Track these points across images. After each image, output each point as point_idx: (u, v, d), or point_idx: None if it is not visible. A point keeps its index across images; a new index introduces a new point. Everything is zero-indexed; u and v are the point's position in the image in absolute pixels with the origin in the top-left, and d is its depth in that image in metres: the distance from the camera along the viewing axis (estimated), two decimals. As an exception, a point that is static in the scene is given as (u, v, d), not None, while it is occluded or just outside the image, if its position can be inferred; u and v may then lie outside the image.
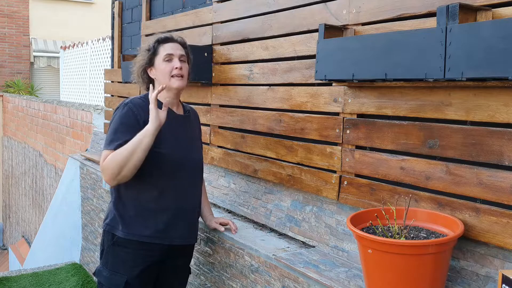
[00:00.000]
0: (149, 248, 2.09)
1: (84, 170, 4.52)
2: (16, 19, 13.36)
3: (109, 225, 2.12)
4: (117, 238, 2.09)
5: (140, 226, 2.07)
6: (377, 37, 1.76)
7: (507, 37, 1.34)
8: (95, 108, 5.62)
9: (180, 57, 2.12)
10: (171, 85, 2.09)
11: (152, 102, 1.92)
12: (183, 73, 2.12)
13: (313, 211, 2.27)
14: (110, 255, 2.12)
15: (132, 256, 2.08)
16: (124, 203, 2.10)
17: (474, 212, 1.61)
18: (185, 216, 2.18)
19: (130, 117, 2.01)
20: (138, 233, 2.07)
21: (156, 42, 2.13)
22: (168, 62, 2.10)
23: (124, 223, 2.08)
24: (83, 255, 4.67)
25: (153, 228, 2.08)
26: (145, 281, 2.12)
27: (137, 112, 2.03)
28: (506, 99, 1.52)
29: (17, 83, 12.78)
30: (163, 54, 2.10)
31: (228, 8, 2.88)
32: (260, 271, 2.16)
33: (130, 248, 2.08)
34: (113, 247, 2.11)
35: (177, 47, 2.13)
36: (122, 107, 2.05)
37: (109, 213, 2.15)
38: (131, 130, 1.97)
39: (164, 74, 2.09)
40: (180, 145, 2.15)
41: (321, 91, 2.22)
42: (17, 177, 9.57)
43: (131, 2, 4.40)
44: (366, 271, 1.63)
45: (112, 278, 2.09)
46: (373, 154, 1.96)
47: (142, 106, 2.05)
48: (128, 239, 2.07)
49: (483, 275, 1.59)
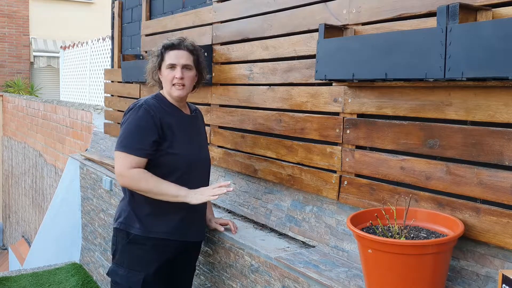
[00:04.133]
0: (165, 244, 2.15)
1: (84, 170, 4.52)
2: (16, 19, 13.36)
3: (123, 223, 2.15)
4: (133, 236, 2.13)
5: (157, 223, 2.13)
6: (377, 37, 1.76)
7: (507, 37, 1.33)
8: (95, 108, 5.61)
9: (183, 66, 2.15)
10: (171, 93, 2.17)
11: (214, 194, 2.06)
12: (184, 82, 2.15)
13: (313, 211, 2.27)
14: (126, 253, 2.15)
15: (148, 253, 2.13)
16: (138, 202, 2.14)
17: (474, 212, 1.61)
18: (199, 213, 2.25)
19: (148, 120, 2.07)
20: (155, 229, 2.13)
21: (162, 48, 2.18)
22: (170, 70, 2.15)
23: (141, 221, 2.12)
24: (83, 255, 4.67)
25: (170, 225, 2.14)
26: (160, 278, 2.17)
27: (154, 113, 2.08)
28: (506, 99, 1.51)
29: (17, 83, 12.78)
30: (167, 63, 2.15)
31: (228, 8, 2.88)
32: (260, 271, 2.16)
33: (147, 245, 2.13)
34: (128, 245, 2.14)
35: (182, 55, 2.16)
36: (138, 109, 2.09)
37: (122, 212, 2.18)
38: (149, 133, 2.05)
39: (166, 81, 2.17)
40: (191, 145, 2.21)
41: (321, 91, 2.21)
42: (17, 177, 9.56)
43: (131, 2, 4.40)
44: (366, 271, 1.63)
45: (130, 276, 2.13)
46: (373, 154, 1.96)
47: (157, 106, 2.12)
48: (146, 236, 2.12)
49: (483, 275, 1.59)
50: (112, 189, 3.74)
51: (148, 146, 2.05)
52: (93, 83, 8.66)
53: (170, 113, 2.17)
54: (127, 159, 2.03)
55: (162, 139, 2.08)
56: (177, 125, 2.16)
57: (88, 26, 13.43)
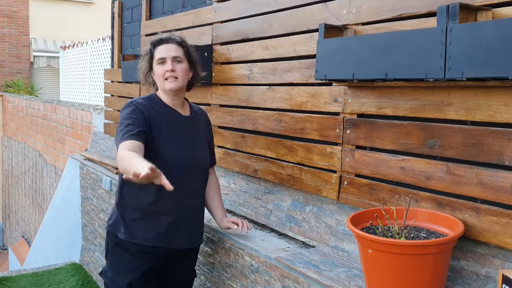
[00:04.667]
0: (151, 251, 2.09)
1: (84, 170, 4.52)
2: (16, 19, 13.36)
3: (112, 226, 2.13)
4: (119, 240, 2.09)
5: (141, 229, 2.07)
6: (377, 37, 1.76)
7: (507, 37, 1.33)
8: (95, 108, 5.61)
9: (173, 58, 2.09)
10: (164, 87, 2.11)
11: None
12: (177, 75, 2.09)
13: (313, 211, 2.27)
14: (114, 256, 2.13)
15: (134, 258, 2.08)
16: (126, 205, 2.10)
17: (474, 212, 1.61)
18: (188, 219, 2.17)
19: (138, 112, 2.04)
20: (140, 236, 2.07)
21: (151, 45, 2.14)
22: (161, 65, 2.10)
23: (126, 225, 2.08)
24: (83, 255, 4.67)
25: (155, 232, 2.07)
26: (148, 283, 2.12)
27: (143, 109, 2.06)
28: (506, 99, 1.51)
29: (17, 83, 12.78)
30: (157, 58, 2.11)
31: (228, 8, 2.88)
32: (260, 271, 2.16)
33: (132, 250, 2.08)
34: (115, 248, 2.11)
35: (171, 48, 2.11)
36: (128, 106, 2.08)
37: (113, 214, 2.16)
38: (141, 122, 2.01)
39: (158, 78, 2.12)
40: (182, 147, 2.13)
41: (321, 91, 2.21)
42: (17, 177, 9.56)
43: (131, 2, 4.40)
44: (366, 271, 1.63)
45: (116, 279, 2.09)
46: (373, 154, 1.96)
47: (146, 105, 2.09)
48: (130, 241, 2.07)
49: (483, 275, 1.59)
50: (112, 189, 3.74)
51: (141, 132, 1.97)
52: (93, 83, 8.66)
53: (161, 113, 2.11)
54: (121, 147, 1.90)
55: (149, 135, 2.02)
56: (168, 125, 2.09)
57: (88, 26, 13.43)
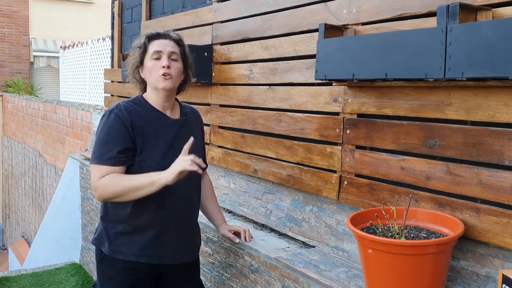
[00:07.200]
0: (136, 267, 1.93)
1: (84, 170, 4.52)
2: (16, 19, 13.36)
3: (96, 240, 2.01)
4: (104, 255, 1.97)
5: (125, 244, 1.92)
6: (377, 37, 1.76)
7: (507, 37, 1.33)
8: (95, 108, 5.61)
9: (170, 54, 1.90)
10: (157, 85, 1.89)
11: (187, 162, 1.72)
12: (171, 72, 1.88)
13: (313, 211, 2.27)
14: (100, 272, 2.04)
15: (119, 274, 1.95)
16: (110, 219, 1.96)
17: (474, 212, 1.61)
18: (177, 232, 1.98)
19: (119, 125, 1.84)
20: (123, 251, 1.92)
21: (146, 39, 1.93)
22: (156, 61, 1.89)
23: (110, 240, 1.94)
24: (83, 255, 4.67)
25: (139, 246, 1.91)
26: None
27: (124, 117, 1.85)
28: (506, 99, 1.52)
29: (17, 83, 12.77)
30: (151, 52, 1.89)
31: (228, 8, 2.88)
32: (260, 271, 2.16)
33: (117, 266, 1.94)
34: (101, 263, 2.01)
35: (168, 44, 1.92)
36: (108, 115, 1.87)
37: (98, 228, 2.04)
38: (121, 139, 1.83)
39: (151, 74, 1.90)
40: (169, 154, 1.88)
41: (321, 91, 2.21)
42: (17, 177, 9.56)
43: (131, 2, 4.40)
44: (366, 271, 1.63)
45: None
46: (373, 154, 1.96)
47: (129, 109, 1.88)
48: (113, 257, 1.94)
49: (483, 275, 1.59)
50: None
51: (122, 153, 1.82)
52: (93, 83, 8.66)
53: (145, 118, 1.90)
54: (100, 170, 1.81)
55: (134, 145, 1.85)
56: (154, 131, 1.89)
57: (88, 26, 13.43)
